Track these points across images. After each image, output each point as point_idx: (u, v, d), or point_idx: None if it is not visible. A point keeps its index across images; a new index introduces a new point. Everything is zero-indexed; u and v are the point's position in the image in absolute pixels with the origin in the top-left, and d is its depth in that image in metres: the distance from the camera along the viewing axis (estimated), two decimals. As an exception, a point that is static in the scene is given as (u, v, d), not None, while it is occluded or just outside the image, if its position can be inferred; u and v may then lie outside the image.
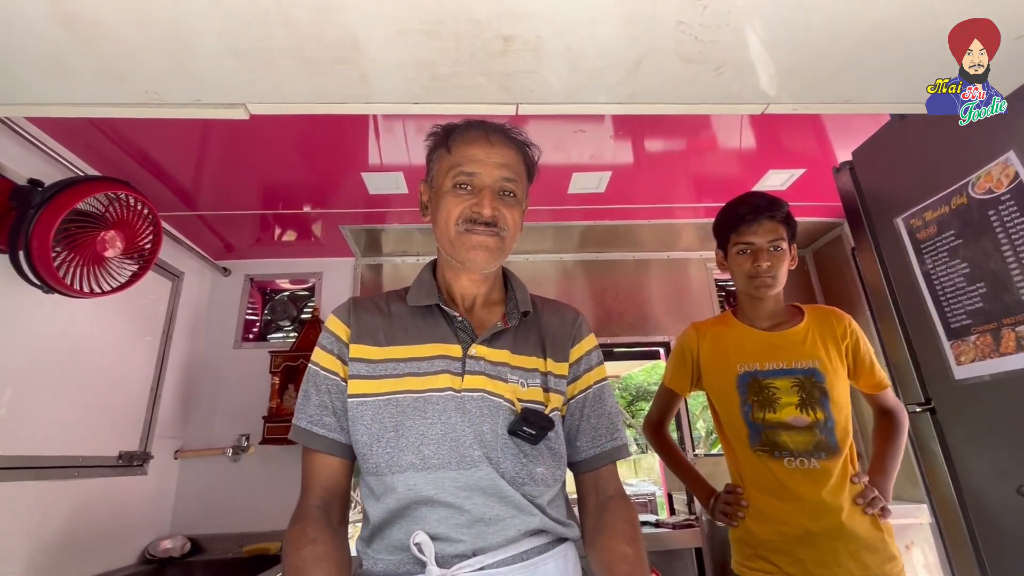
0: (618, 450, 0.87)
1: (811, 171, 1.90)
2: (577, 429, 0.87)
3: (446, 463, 0.74)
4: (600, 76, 0.82)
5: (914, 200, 1.11)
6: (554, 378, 0.85)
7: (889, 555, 1.16)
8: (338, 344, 0.84)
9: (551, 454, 0.82)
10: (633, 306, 2.58)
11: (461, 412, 0.77)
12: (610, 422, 0.88)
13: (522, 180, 0.87)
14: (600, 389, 0.90)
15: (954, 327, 1.03)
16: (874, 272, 1.21)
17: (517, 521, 0.75)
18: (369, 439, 0.77)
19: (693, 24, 0.72)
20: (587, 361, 0.91)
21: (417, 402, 0.77)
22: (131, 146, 1.55)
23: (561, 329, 0.90)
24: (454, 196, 0.83)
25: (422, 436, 0.76)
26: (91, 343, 1.68)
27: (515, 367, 0.83)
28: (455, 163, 0.83)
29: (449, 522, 0.73)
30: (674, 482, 2.65)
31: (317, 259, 2.50)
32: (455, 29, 0.73)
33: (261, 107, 0.85)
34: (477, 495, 0.74)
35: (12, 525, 1.38)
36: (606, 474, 0.86)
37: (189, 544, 1.95)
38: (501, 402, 0.79)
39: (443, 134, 0.87)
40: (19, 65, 0.76)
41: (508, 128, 0.87)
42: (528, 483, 0.77)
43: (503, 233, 0.83)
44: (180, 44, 0.74)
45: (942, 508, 1.07)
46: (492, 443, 0.77)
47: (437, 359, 0.81)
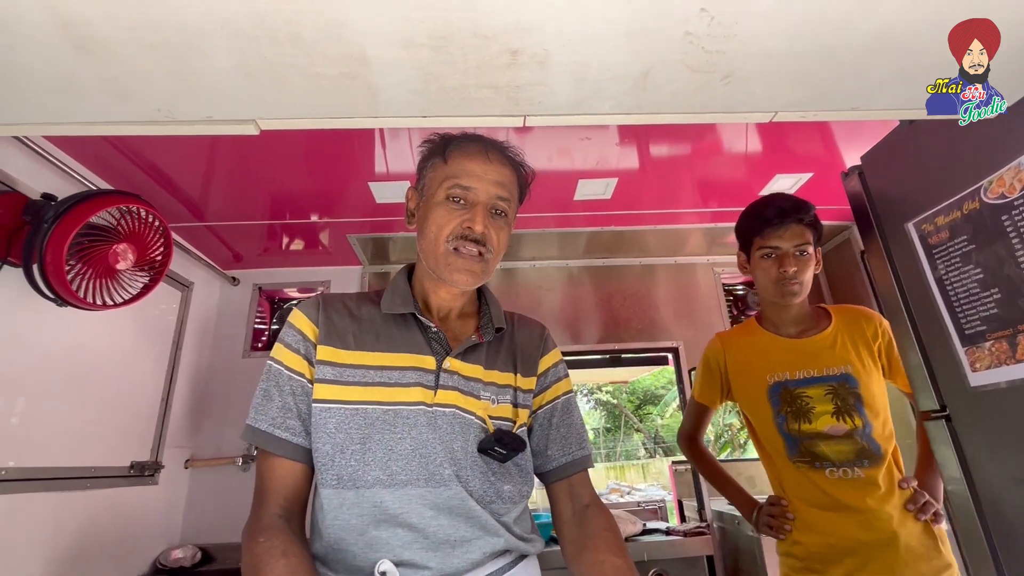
0: (587, 459, 0.88)
1: (819, 175, 1.89)
2: (547, 439, 0.87)
3: (414, 480, 0.72)
4: (607, 87, 0.82)
5: (925, 205, 1.10)
6: (522, 393, 0.85)
7: (945, 563, 1.12)
8: (305, 343, 0.80)
9: (518, 471, 0.81)
10: (640, 311, 2.57)
11: (432, 428, 0.75)
12: (578, 432, 0.89)
13: (514, 200, 0.88)
14: (568, 400, 0.91)
15: (969, 333, 1.01)
16: (885, 277, 1.20)
17: (482, 543, 0.74)
18: (332, 450, 0.73)
19: (700, 35, 0.72)
20: (554, 373, 0.91)
21: (387, 415, 0.74)
22: (141, 159, 1.57)
23: (530, 343, 0.91)
24: (446, 209, 0.82)
25: (390, 451, 0.73)
26: (102, 354, 1.69)
27: (487, 383, 0.82)
28: (451, 175, 0.83)
29: (413, 547, 0.70)
30: (684, 488, 2.63)
31: (324, 268, 2.52)
32: (462, 43, 0.73)
33: (271, 123, 0.86)
34: (444, 515, 0.72)
35: (26, 535, 1.39)
36: (579, 482, 0.86)
37: (200, 554, 1.96)
38: (472, 419, 0.78)
39: (440, 144, 0.87)
40: (33, 86, 0.77)
41: (506, 146, 0.88)
42: (495, 501, 0.76)
43: (488, 256, 0.83)
44: (190, 63, 0.75)
45: (959, 517, 1.05)
46: (462, 461, 0.75)
47: (410, 370, 0.78)
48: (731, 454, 11.38)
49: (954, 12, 0.75)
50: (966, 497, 1.00)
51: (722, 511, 2.19)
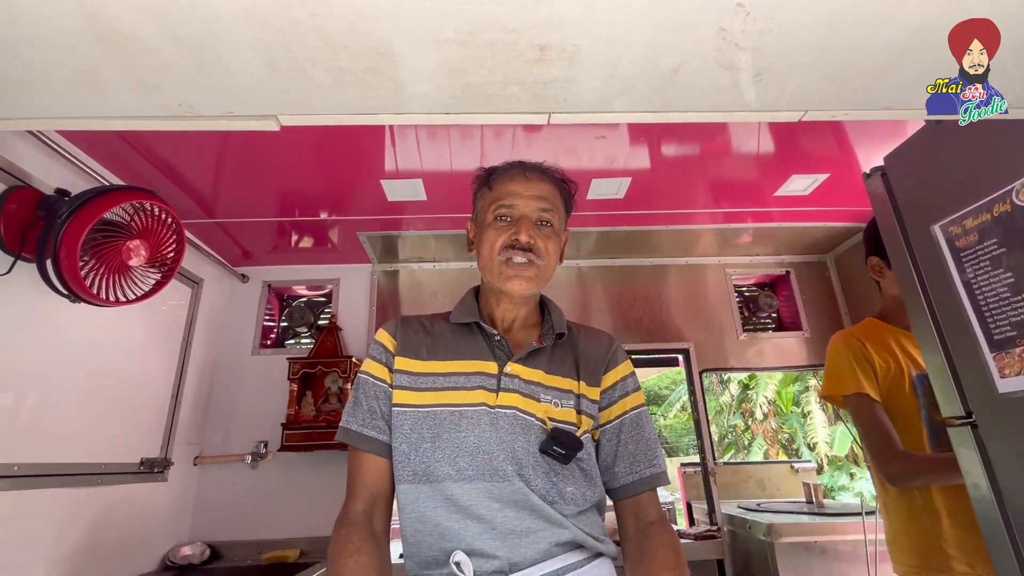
0: (657, 477, 0.87)
1: (835, 176, 1.87)
2: (615, 455, 0.88)
3: (480, 475, 0.77)
4: (635, 84, 0.81)
5: (952, 207, 1.08)
6: (586, 401, 0.87)
7: None
8: (386, 355, 0.90)
9: (583, 475, 0.83)
10: (650, 312, 2.55)
11: (494, 427, 0.80)
12: (648, 448, 0.88)
13: (559, 211, 0.95)
14: (638, 415, 0.91)
15: (997, 339, 0.99)
16: (909, 281, 1.18)
17: (548, 534, 0.76)
18: (408, 448, 0.80)
19: (735, 31, 0.71)
20: (622, 387, 0.92)
21: (453, 415, 0.81)
22: (154, 155, 1.57)
23: (596, 354, 0.93)
24: (495, 228, 0.90)
25: (457, 448, 0.78)
26: (114, 351, 1.69)
27: (549, 387, 0.85)
28: (495, 198, 0.92)
29: (483, 537, 0.75)
30: (693, 491, 2.61)
31: (334, 265, 2.51)
32: (490, 38, 0.72)
33: (292, 119, 0.85)
34: (509, 508, 0.76)
35: (36, 531, 1.39)
36: (646, 501, 0.86)
37: (209, 551, 1.95)
38: (533, 420, 0.81)
39: (485, 175, 0.97)
40: (54, 80, 0.76)
41: (545, 166, 0.96)
42: (558, 501, 0.79)
43: (539, 262, 0.89)
44: (214, 56, 0.74)
45: (985, 525, 1.03)
46: (524, 460, 0.79)
47: (475, 375, 0.84)
48: (735, 455, 11.34)
49: (989, 9, 0.73)
50: (992, 504, 0.99)
51: (732, 514, 2.17)
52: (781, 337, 2.55)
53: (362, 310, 2.46)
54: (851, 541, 1.80)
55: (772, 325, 2.66)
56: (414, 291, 2.55)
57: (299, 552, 1.97)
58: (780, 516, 1.98)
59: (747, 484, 2.80)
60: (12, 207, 1.29)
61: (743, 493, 2.78)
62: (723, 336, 2.52)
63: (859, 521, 1.78)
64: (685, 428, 14.50)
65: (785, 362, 2.51)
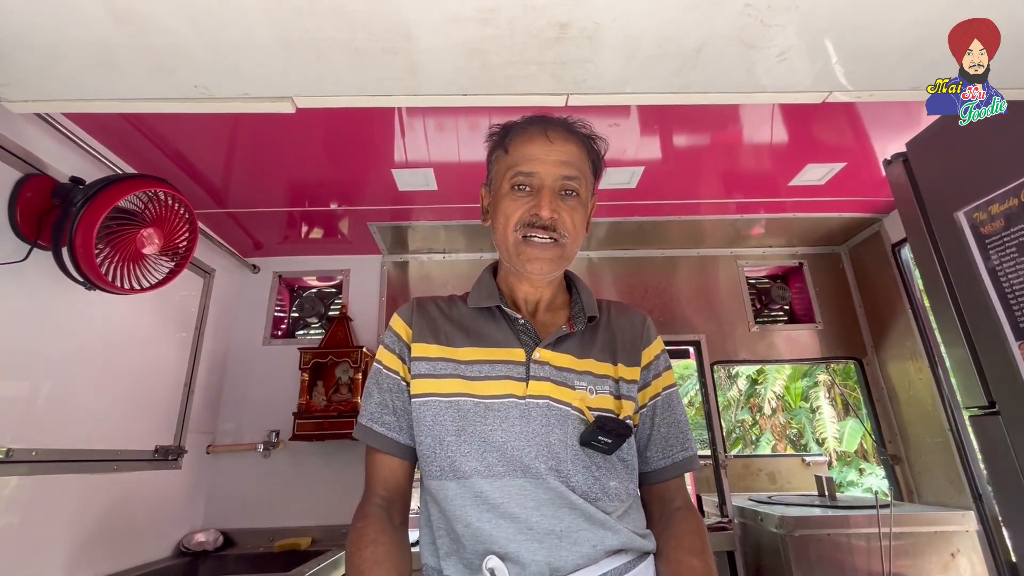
0: (689, 461, 0.82)
1: (851, 164, 1.84)
2: (648, 439, 0.82)
3: (511, 471, 0.71)
4: (656, 64, 0.79)
5: (978, 193, 1.05)
6: (626, 384, 0.80)
7: None
8: (399, 344, 0.83)
9: (624, 466, 0.77)
10: (661, 304, 2.53)
11: (525, 420, 0.73)
12: (680, 431, 0.83)
13: (586, 177, 0.82)
14: (669, 396, 0.85)
15: (1023, 326, 0.97)
16: (931, 268, 1.16)
17: (590, 535, 0.69)
18: (432, 441, 0.75)
19: (760, 7, 0.69)
20: (656, 366, 0.86)
21: (478, 407, 0.74)
22: (165, 144, 1.57)
23: (631, 332, 0.86)
24: (512, 199, 0.79)
25: (484, 443, 0.72)
26: (128, 339, 1.70)
27: (582, 372, 0.78)
28: (513, 163, 0.80)
29: (519, 539, 0.68)
30: (703, 484, 2.60)
31: (344, 256, 2.51)
32: (510, 16, 0.71)
33: (308, 100, 0.84)
34: (546, 506, 0.70)
35: (52, 517, 1.40)
36: (674, 486, 0.82)
37: (222, 538, 1.97)
38: (569, 410, 0.74)
39: (501, 134, 0.83)
40: (71, 61, 0.76)
41: (571, 121, 0.82)
42: (602, 498, 0.72)
43: (563, 240, 0.79)
44: (230, 37, 0.73)
45: (1009, 514, 1.02)
46: (561, 455, 0.72)
47: (499, 363, 0.77)
48: (743, 450, 11.31)
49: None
50: (1020, 492, 0.97)
51: (743, 506, 2.16)
52: (794, 329, 2.52)
53: (372, 301, 2.46)
54: (865, 534, 1.79)
55: (784, 317, 2.63)
56: (424, 282, 2.55)
57: (311, 540, 1.99)
58: (792, 508, 1.97)
59: (758, 477, 2.78)
60: (28, 195, 1.29)
61: (754, 486, 2.77)
62: (735, 328, 2.50)
63: (874, 514, 1.77)
64: (692, 423, 14.44)
65: (797, 355, 2.49)
